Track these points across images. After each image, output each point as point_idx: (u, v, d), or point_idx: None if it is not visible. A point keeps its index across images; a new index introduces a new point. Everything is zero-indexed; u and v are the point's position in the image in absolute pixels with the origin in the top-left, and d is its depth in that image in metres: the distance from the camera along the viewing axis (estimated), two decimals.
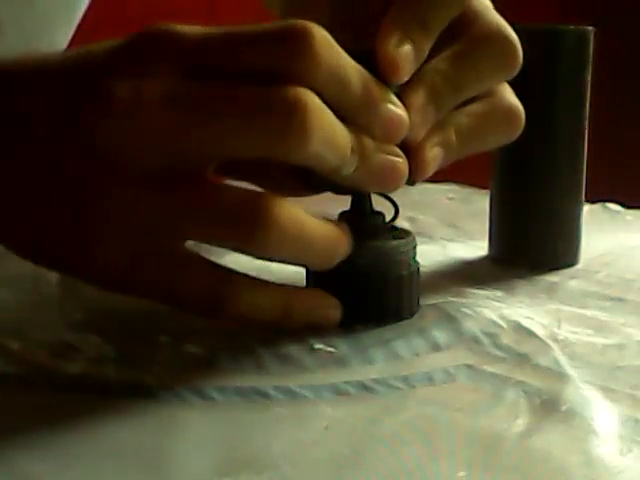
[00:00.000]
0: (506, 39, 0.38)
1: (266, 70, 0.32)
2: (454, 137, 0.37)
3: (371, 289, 0.37)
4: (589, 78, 0.46)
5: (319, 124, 0.31)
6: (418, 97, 0.35)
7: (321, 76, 0.32)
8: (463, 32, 0.38)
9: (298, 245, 0.33)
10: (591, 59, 0.46)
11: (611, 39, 0.98)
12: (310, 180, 0.36)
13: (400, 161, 0.35)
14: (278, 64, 0.32)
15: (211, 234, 0.33)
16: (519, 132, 0.39)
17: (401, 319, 0.38)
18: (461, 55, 0.37)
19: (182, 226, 0.33)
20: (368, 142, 0.34)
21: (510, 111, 0.39)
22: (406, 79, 0.35)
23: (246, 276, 0.34)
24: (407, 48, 0.34)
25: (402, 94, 0.35)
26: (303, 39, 0.31)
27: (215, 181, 0.33)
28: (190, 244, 0.34)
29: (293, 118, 0.31)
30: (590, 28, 0.46)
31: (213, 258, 0.35)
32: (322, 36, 0.32)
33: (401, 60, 0.34)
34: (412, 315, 0.38)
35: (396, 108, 0.34)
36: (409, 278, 0.38)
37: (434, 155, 0.37)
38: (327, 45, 0.32)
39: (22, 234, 0.34)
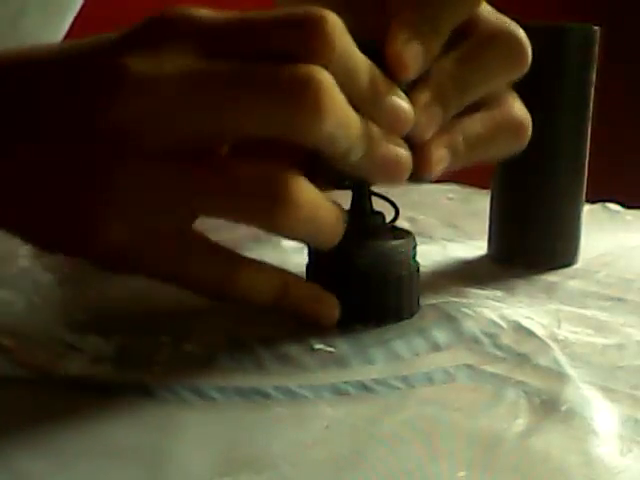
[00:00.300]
0: (515, 37, 0.38)
1: (281, 53, 0.32)
2: (462, 142, 0.37)
3: (371, 289, 0.37)
4: (594, 78, 0.46)
5: (332, 103, 0.31)
6: (424, 97, 0.36)
7: (334, 61, 0.32)
8: (471, 33, 0.38)
9: (313, 225, 0.33)
10: (596, 58, 0.46)
11: (615, 38, 0.98)
12: (317, 173, 0.36)
13: (405, 153, 0.35)
14: (293, 47, 0.32)
15: (228, 207, 0.33)
16: (524, 145, 0.39)
17: (401, 319, 0.38)
18: (468, 55, 0.37)
19: (198, 200, 0.33)
20: (375, 130, 0.34)
21: (519, 123, 0.39)
22: (413, 78, 0.35)
23: (246, 258, 0.35)
24: (416, 47, 0.35)
25: (408, 94, 0.35)
26: (318, 24, 0.32)
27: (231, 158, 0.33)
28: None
29: (307, 94, 0.31)
30: (596, 27, 0.46)
31: None
32: (337, 23, 0.32)
33: (409, 59, 0.35)
34: (412, 315, 0.38)
35: (402, 100, 0.34)
36: (409, 278, 0.38)
37: (440, 155, 0.37)
38: (340, 33, 0.32)
39: (31, 217, 0.34)
